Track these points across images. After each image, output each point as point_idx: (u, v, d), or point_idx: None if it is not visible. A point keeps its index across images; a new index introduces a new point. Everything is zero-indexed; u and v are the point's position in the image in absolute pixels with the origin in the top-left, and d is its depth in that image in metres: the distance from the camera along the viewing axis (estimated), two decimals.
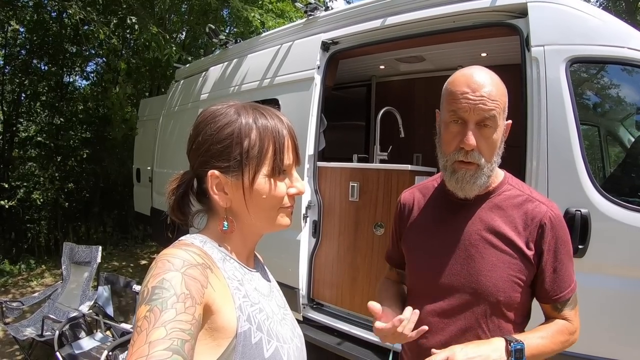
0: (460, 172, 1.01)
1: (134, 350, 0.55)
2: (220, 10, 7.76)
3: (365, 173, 2.78)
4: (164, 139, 5.07)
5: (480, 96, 0.95)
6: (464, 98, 0.96)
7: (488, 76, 0.99)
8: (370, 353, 2.51)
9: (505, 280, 1.00)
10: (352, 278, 2.78)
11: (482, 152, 0.98)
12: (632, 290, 1.80)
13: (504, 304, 1.01)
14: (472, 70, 1.00)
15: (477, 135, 0.97)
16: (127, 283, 3.42)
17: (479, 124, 0.97)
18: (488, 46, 3.28)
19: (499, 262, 1.01)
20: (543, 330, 1.02)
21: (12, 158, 7.22)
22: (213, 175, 0.75)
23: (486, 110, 0.95)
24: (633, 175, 2.12)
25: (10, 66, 7.37)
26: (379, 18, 2.72)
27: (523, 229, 1.02)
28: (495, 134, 0.98)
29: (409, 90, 4.40)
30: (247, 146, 0.74)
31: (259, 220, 0.79)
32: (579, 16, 1.99)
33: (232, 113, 0.76)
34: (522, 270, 1.00)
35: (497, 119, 0.97)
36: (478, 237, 1.03)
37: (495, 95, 0.96)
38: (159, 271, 0.63)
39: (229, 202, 0.76)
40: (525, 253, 1.00)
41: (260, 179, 0.75)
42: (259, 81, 3.41)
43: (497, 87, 0.98)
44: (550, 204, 1.05)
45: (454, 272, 1.04)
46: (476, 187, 1.01)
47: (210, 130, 0.75)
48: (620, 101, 2.15)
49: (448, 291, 1.04)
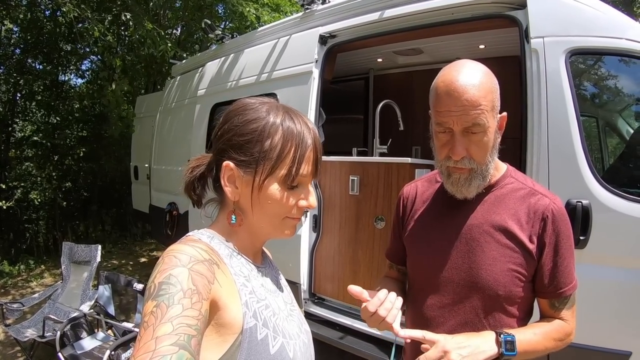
0: (454, 175, 1.01)
1: (141, 345, 0.55)
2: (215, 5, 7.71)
3: (365, 166, 2.77)
4: (162, 136, 5.05)
5: (462, 106, 0.92)
6: (446, 112, 0.94)
7: (470, 76, 0.94)
8: (373, 347, 2.52)
9: (505, 275, 0.99)
10: (353, 272, 2.78)
11: (474, 156, 0.97)
12: (633, 281, 1.81)
13: (504, 298, 1.00)
14: (453, 74, 0.95)
15: (466, 142, 0.96)
16: (128, 282, 3.41)
17: (467, 130, 0.95)
18: (487, 38, 3.27)
19: (499, 255, 1.00)
20: (538, 327, 1.01)
21: (8, 158, 7.19)
22: (227, 167, 0.74)
23: (470, 119, 0.93)
24: (632, 166, 2.13)
25: (5, 66, 7.32)
26: (376, 11, 2.71)
27: (526, 222, 1.01)
28: (485, 136, 0.96)
29: (407, 83, 4.39)
30: (268, 146, 0.73)
31: (261, 223, 0.78)
32: (577, 7, 1.99)
33: (263, 110, 0.76)
34: (523, 264, 0.99)
35: (485, 123, 0.94)
36: (480, 230, 1.03)
37: (479, 99, 0.92)
38: (166, 267, 0.63)
39: (238, 196, 0.76)
40: (527, 247, 0.99)
41: (272, 183, 0.74)
42: (257, 75, 3.39)
43: (480, 87, 0.93)
44: (553, 197, 1.04)
45: (454, 266, 1.04)
46: (472, 188, 1.01)
47: (237, 121, 0.75)
48: (619, 92, 2.15)
49: (449, 285, 1.04)
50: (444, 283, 1.05)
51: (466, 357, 0.89)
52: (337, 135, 3.91)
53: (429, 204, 1.15)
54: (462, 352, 0.89)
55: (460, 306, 1.03)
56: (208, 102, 3.92)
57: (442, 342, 0.90)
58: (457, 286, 1.03)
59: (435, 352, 0.89)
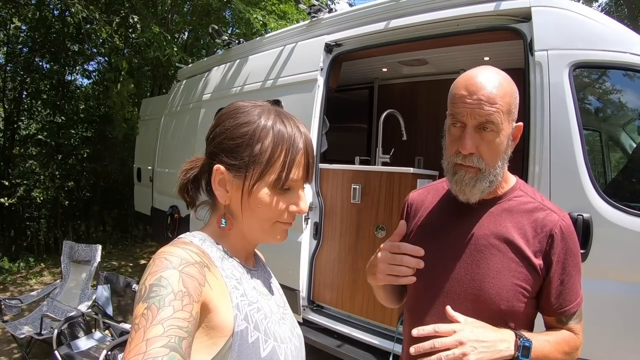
0: (459, 173, 0.98)
1: (132, 347, 0.55)
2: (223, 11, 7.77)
3: (367, 175, 2.78)
4: (166, 139, 5.07)
5: (477, 100, 0.92)
6: (461, 102, 0.94)
7: (491, 77, 0.95)
8: (371, 356, 2.51)
9: (509, 289, 0.96)
10: (353, 280, 2.77)
11: (483, 156, 0.95)
12: (633, 295, 1.80)
13: (506, 312, 0.96)
14: (474, 72, 0.96)
15: (477, 139, 0.94)
16: (127, 283, 3.41)
17: (480, 127, 0.94)
18: (491, 50, 3.28)
19: (504, 269, 0.97)
20: (550, 335, 0.98)
21: (12, 156, 7.22)
22: (218, 170, 0.74)
23: (485, 114, 0.92)
24: (634, 180, 2.13)
25: (12, 64, 7.39)
26: (382, 21, 2.73)
27: (532, 237, 0.98)
28: (498, 137, 0.94)
29: (411, 94, 4.41)
30: (258, 151, 0.73)
31: (251, 228, 0.78)
32: (582, 21, 2.00)
33: (254, 113, 0.75)
34: (527, 279, 0.97)
35: (498, 122, 0.93)
36: (485, 242, 1.00)
37: (496, 97, 0.92)
38: (157, 269, 0.63)
39: (229, 200, 0.76)
40: (533, 262, 0.97)
41: (262, 187, 0.74)
42: (262, 82, 3.41)
43: (499, 88, 0.93)
44: (562, 214, 1.01)
45: (457, 277, 1.01)
46: (477, 190, 0.98)
47: (229, 125, 0.75)
48: (622, 106, 2.15)
49: (450, 296, 1.01)
50: (446, 294, 1.02)
51: (481, 354, 0.85)
52: (340, 144, 3.92)
53: (434, 212, 1.13)
54: (477, 347, 0.86)
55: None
56: (213, 106, 3.93)
57: (459, 331, 0.87)
58: (458, 297, 1.00)
59: (450, 340, 0.86)
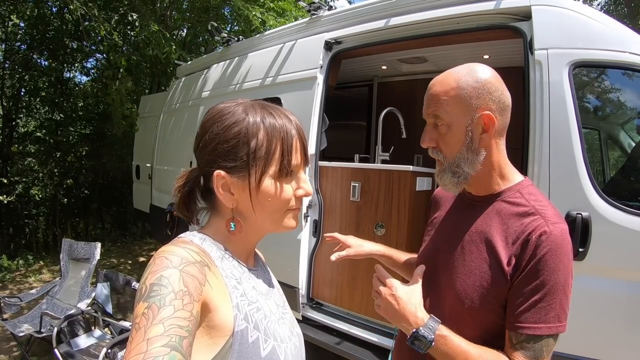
0: (436, 166, 1.06)
1: (132, 347, 0.55)
2: (222, 8, 7.74)
3: (366, 173, 2.78)
4: (164, 136, 5.06)
5: (428, 97, 1.00)
6: (424, 101, 1.03)
7: (446, 74, 0.99)
8: (370, 353, 2.52)
9: (475, 289, 0.95)
10: (352, 278, 2.78)
11: (441, 149, 1.01)
12: (632, 293, 1.81)
13: (469, 312, 0.95)
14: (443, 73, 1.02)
15: (435, 134, 1.01)
16: (126, 281, 3.41)
17: (435, 123, 1.00)
18: (491, 48, 3.29)
19: (476, 268, 0.96)
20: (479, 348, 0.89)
21: (11, 153, 7.20)
22: (219, 176, 0.74)
23: (430, 111, 1.00)
24: (633, 179, 2.13)
25: (10, 61, 7.35)
26: (382, 18, 2.72)
27: (512, 242, 0.93)
28: (450, 131, 0.98)
29: (410, 91, 4.40)
30: (254, 146, 0.73)
31: (265, 222, 0.78)
32: (582, 20, 2.00)
33: (240, 112, 0.76)
34: (495, 284, 0.92)
35: (444, 116, 0.97)
36: (469, 239, 1.01)
37: (440, 94, 0.97)
38: (157, 268, 0.63)
39: (235, 202, 0.76)
40: (504, 268, 0.92)
41: (267, 180, 0.75)
42: (261, 79, 3.40)
43: (448, 83, 0.97)
44: (553, 222, 0.91)
45: (445, 268, 1.04)
46: (446, 181, 1.02)
47: (217, 129, 0.75)
48: (622, 105, 2.16)
49: (437, 285, 1.04)
50: (434, 283, 1.05)
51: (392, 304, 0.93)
52: (339, 141, 3.92)
53: (447, 206, 1.18)
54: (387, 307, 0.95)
55: (439, 310, 0.99)
56: (212, 104, 3.88)
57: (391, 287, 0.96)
58: (443, 288, 1.02)
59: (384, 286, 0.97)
